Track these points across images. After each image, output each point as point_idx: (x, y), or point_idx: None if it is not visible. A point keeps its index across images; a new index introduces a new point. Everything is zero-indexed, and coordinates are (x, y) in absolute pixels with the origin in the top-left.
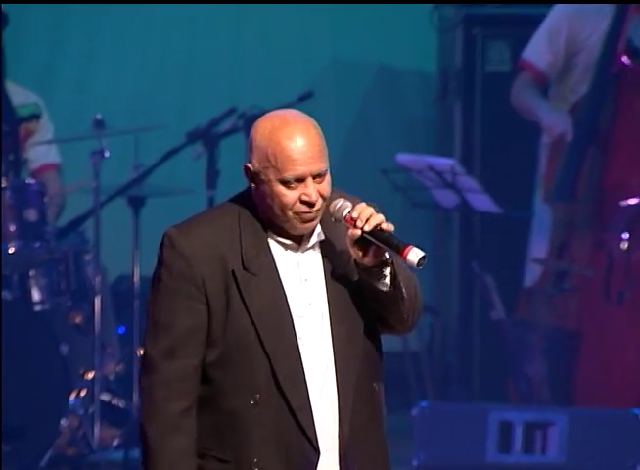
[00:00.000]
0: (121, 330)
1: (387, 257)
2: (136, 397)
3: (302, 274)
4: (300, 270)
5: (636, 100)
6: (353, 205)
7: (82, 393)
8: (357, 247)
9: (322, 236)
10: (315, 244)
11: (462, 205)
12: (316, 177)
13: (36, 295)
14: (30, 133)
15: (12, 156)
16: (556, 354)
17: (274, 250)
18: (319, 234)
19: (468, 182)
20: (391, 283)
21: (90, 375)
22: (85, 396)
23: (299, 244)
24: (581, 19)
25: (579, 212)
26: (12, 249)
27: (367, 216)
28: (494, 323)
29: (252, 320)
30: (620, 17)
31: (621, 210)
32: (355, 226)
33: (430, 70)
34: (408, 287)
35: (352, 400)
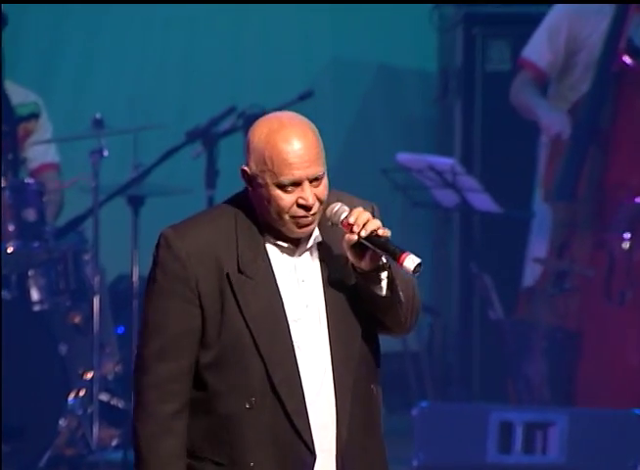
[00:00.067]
0: (120, 330)
1: (383, 261)
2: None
3: (299, 276)
4: (297, 273)
5: (637, 99)
6: (351, 209)
7: (81, 393)
8: (354, 251)
9: (319, 239)
10: (312, 246)
11: (462, 204)
12: (313, 181)
13: (35, 295)
14: (29, 133)
15: (11, 155)
16: (556, 354)
17: (271, 252)
18: (316, 237)
19: (468, 182)
20: (388, 287)
21: (89, 375)
22: (84, 396)
23: (297, 246)
24: (582, 17)
25: (580, 212)
26: (11, 248)
27: (364, 222)
28: (494, 323)
29: (247, 324)
30: (621, 16)
31: (622, 209)
32: (352, 231)
33: (430, 70)
34: (406, 290)
35: (350, 403)
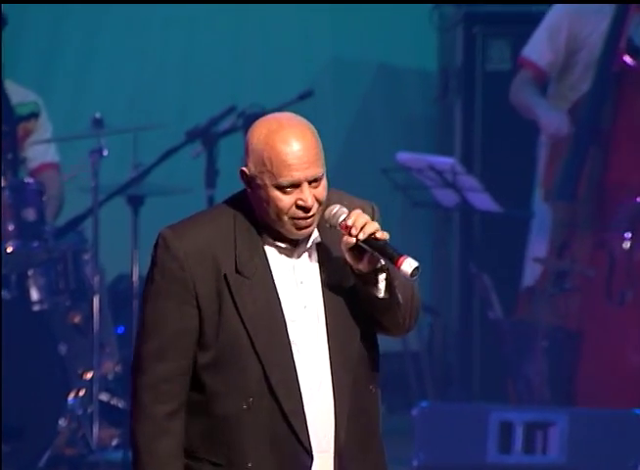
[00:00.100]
0: (120, 330)
1: (382, 263)
2: None
3: (298, 277)
4: (296, 273)
5: (637, 99)
6: (349, 211)
7: (81, 393)
8: (352, 253)
9: (318, 240)
10: (311, 247)
11: (462, 204)
12: (312, 182)
13: (35, 294)
14: (29, 132)
15: (10, 155)
16: (557, 354)
17: (269, 253)
18: (315, 238)
19: (468, 181)
20: (386, 289)
21: (89, 375)
22: (84, 396)
23: (295, 247)
24: (582, 17)
25: (580, 212)
26: (10, 248)
27: (362, 224)
28: (494, 323)
29: (245, 324)
30: (621, 16)
31: (623, 209)
32: (350, 234)
33: (430, 69)
34: (404, 292)
35: (348, 404)
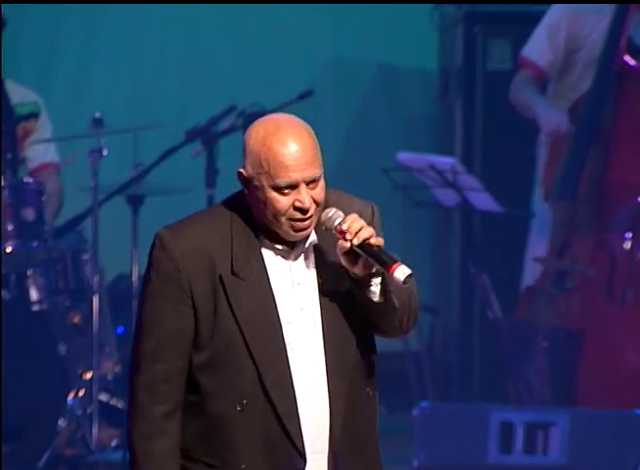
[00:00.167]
0: (120, 330)
1: (376, 268)
2: None
3: (294, 279)
4: (292, 275)
5: (638, 99)
6: (345, 215)
7: (80, 393)
8: (347, 257)
9: (316, 242)
10: (308, 249)
11: (463, 204)
12: (310, 183)
13: (34, 294)
14: (29, 132)
15: (10, 154)
16: (557, 354)
17: (265, 254)
18: (312, 240)
19: (469, 181)
20: (382, 294)
21: (88, 375)
22: (83, 396)
23: (292, 249)
24: (581, 16)
25: (581, 212)
26: (9, 248)
27: (356, 230)
28: (494, 323)
29: (239, 325)
30: (621, 15)
31: (623, 209)
32: (345, 239)
33: (430, 69)
34: (400, 297)
35: (344, 406)
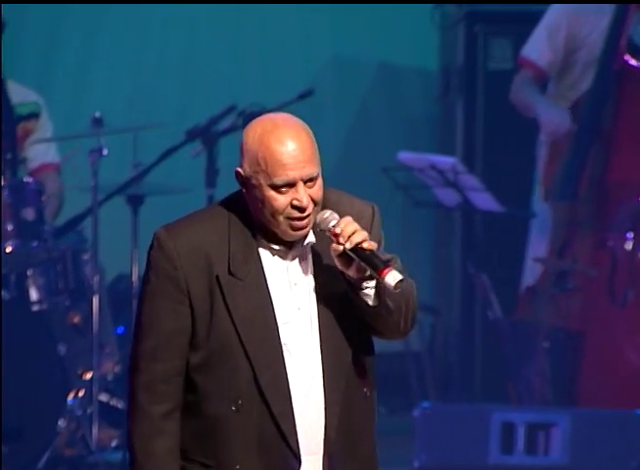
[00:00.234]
0: (120, 330)
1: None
2: None
3: (292, 279)
4: (290, 275)
5: (638, 98)
6: (340, 218)
7: (80, 393)
8: (341, 260)
9: (313, 242)
10: (306, 249)
11: (464, 203)
12: (307, 182)
13: (34, 294)
14: (29, 132)
15: (10, 154)
16: (558, 355)
17: (263, 254)
18: (310, 240)
19: (470, 181)
20: (376, 297)
21: (88, 375)
22: (83, 396)
23: (289, 249)
24: (581, 16)
25: (581, 211)
26: (9, 248)
27: (349, 233)
28: (495, 323)
29: (236, 326)
30: (621, 15)
31: (624, 209)
32: (338, 242)
33: (431, 68)
34: (395, 300)
35: (340, 407)
